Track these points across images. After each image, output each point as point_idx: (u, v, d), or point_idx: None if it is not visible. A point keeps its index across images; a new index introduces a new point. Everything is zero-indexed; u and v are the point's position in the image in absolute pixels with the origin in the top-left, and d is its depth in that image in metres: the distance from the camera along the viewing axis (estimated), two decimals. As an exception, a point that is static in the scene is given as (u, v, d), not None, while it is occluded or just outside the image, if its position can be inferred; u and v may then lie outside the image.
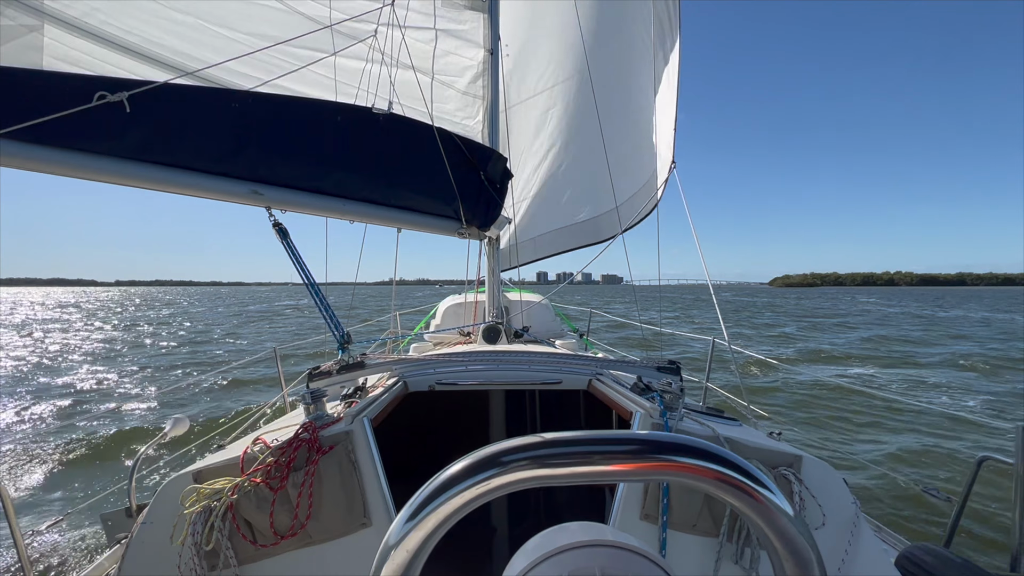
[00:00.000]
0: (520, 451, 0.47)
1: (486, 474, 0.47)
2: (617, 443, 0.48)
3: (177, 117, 2.11)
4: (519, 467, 0.47)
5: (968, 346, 18.78)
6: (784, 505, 0.46)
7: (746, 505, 0.46)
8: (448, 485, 0.47)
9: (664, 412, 1.82)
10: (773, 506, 0.46)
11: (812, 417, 8.19)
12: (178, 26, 2.63)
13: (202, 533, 1.45)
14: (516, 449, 0.47)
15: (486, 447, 0.49)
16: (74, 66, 2.27)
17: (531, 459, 0.47)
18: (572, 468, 0.47)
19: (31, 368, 13.87)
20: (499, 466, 0.47)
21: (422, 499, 0.48)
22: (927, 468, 5.93)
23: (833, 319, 33.99)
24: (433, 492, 0.48)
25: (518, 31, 5.54)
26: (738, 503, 0.46)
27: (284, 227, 2.42)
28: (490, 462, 0.47)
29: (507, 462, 0.47)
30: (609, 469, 0.47)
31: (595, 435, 0.49)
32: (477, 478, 0.47)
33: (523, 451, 0.47)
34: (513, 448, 0.48)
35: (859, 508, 1.70)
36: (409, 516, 0.48)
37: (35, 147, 1.90)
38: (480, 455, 0.48)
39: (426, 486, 0.49)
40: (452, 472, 0.48)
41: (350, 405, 1.94)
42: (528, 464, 0.47)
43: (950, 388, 11.05)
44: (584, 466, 0.47)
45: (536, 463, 0.47)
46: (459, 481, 0.47)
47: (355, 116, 2.55)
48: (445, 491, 0.47)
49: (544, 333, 5.09)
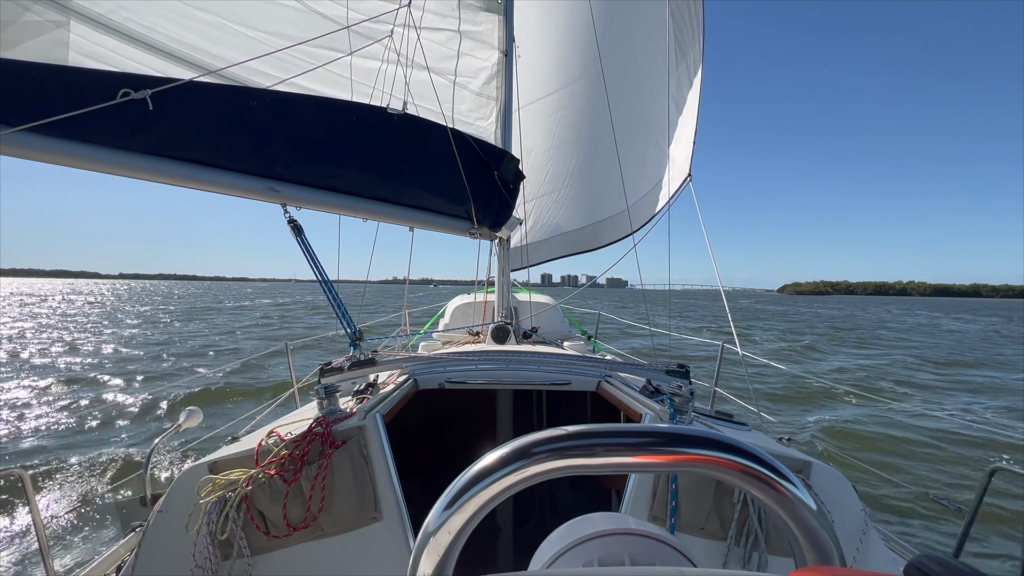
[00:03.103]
0: (554, 441, 0.50)
1: (522, 462, 0.49)
2: (648, 436, 0.50)
3: (197, 114, 2.14)
4: (554, 456, 0.49)
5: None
6: (807, 499, 0.48)
7: (771, 498, 0.48)
8: (485, 473, 0.49)
9: (674, 415, 1.82)
10: (797, 500, 0.48)
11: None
12: (200, 24, 2.67)
13: (217, 523, 1.48)
14: (551, 439, 0.50)
15: (520, 438, 0.51)
16: (99, 62, 2.31)
17: (564, 449, 0.49)
18: (604, 459, 0.49)
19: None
20: (534, 455, 0.49)
21: (459, 487, 0.50)
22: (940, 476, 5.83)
23: (887, 331, 29.80)
24: (471, 480, 0.50)
25: (531, 32, 5.55)
26: (763, 496, 0.48)
27: (299, 224, 2.46)
28: (526, 451, 0.49)
29: (541, 452, 0.49)
30: (640, 460, 0.49)
31: (626, 427, 0.51)
32: (514, 466, 0.49)
33: (557, 441, 0.50)
34: (548, 438, 0.50)
35: (868, 515, 1.70)
36: (447, 504, 0.50)
37: (59, 141, 1.94)
38: (516, 444, 0.50)
39: (463, 474, 0.51)
40: (490, 461, 0.50)
41: (362, 401, 1.96)
42: (561, 453, 0.49)
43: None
44: (614, 456, 0.49)
45: (568, 453, 0.49)
46: (496, 469, 0.49)
47: (370, 115, 2.58)
48: (483, 479, 0.49)
49: (552, 335, 5.09)
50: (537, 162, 6.00)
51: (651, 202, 5.34)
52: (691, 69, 5.06)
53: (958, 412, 9.30)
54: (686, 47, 5.04)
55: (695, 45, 4.99)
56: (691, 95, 5.01)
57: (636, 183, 5.27)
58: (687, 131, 4.88)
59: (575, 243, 6.00)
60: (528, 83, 5.66)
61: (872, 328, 32.48)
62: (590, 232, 5.89)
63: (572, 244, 6.01)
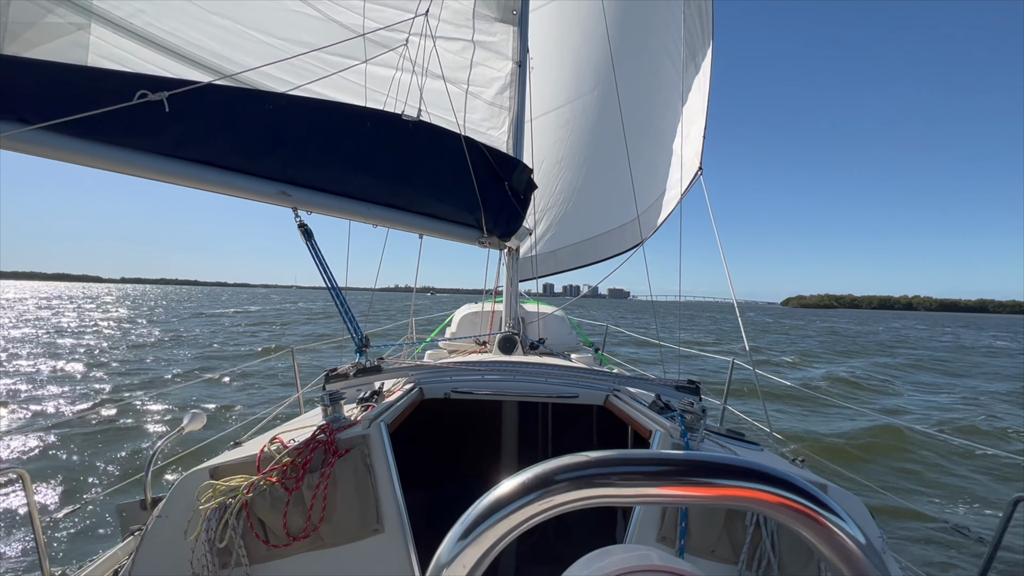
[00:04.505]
0: (579, 468, 0.46)
1: (543, 491, 0.45)
2: (681, 464, 0.46)
3: (213, 117, 2.15)
4: (578, 484, 0.45)
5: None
6: (856, 532, 0.44)
7: (815, 534, 0.44)
8: (504, 502, 0.45)
9: (685, 432, 1.78)
10: (845, 534, 0.44)
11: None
12: (218, 29, 2.70)
13: (216, 530, 1.45)
14: (575, 466, 0.46)
15: (540, 464, 0.47)
16: (117, 64, 2.34)
17: (590, 477, 0.45)
18: (633, 488, 0.45)
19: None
20: (557, 483, 0.45)
21: (475, 516, 0.46)
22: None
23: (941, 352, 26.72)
24: (487, 509, 0.46)
25: (545, 44, 5.59)
26: (807, 532, 0.44)
27: (309, 228, 2.45)
28: (548, 479, 0.45)
29: (564, 480, 0.45)
30: (674, 492, 0.45)
31: (657, 455, 0.47)
32: (535, 495, 0.45)
33: (581, 468, 0.46)
34: (572, 465, 0.46)
35: (886, 543, 1.64)
36: (461, 535, 0.46)
37: (76, 140, 1.95)
38: (537, 471, 0.46)
39: (479, 503, 0.47)
40: (508, 488, 0.46)
41: (367, 409, 1.93)
42: (587, 482, 0.45)
43: None
44: (644, 486, 0.45)
45: (595, 481, 0.45)
46: (516, 498, 0.45)
47: (384, 122, 2.58)
48: (501, 508, 0.45)
49: (560, 346, 5.05)
50: (548, 173, 6.01)
51: (659, 209, 5.33)
52: (700, 68, 5.08)
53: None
54: (696, 48, 5.07)
55: (706, 45, 5.02)
56: (699, 92, 5.02)
57: (646, 192, 5.26)
58: (696, 128, 4.89)
59: (584, 255, 5.97)
60: (541, 94, 5.69)
61: (926, 348, 29.18)
62: (599, 243, 5.87)
63: (581, 256, 5.98)
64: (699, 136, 4.78)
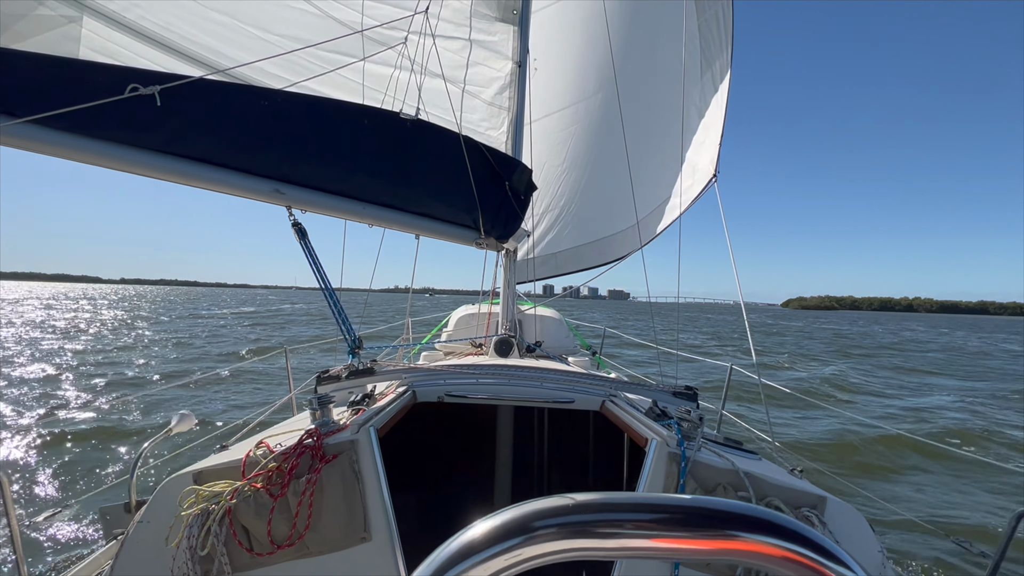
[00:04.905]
0: (560, 514, 0.41)
1: (517, 540, 0.40)
2: (670, 511, 0.41)
3: (206, 113, 2.11)
4: (558, 535, 0.40)
5: None
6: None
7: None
8: (470, 551, 0.40)
9: (681, 441, 1.74)
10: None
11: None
12: (213, 24, 2.66)
13: (198, 537, 1.41)
14: (556, 511, 0.41)
15: (510, 509, 0.42)
16: (109, 58, 2.30)
17: (574, 524, 0.40)
18: (613, 541, 0.40)
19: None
20: (529, 532, 0.40)
21: (438, 564, 0.40)
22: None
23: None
24: (451, 558, 0.40)
25: (548, 46, 5.56)
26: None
27: (303, 227, 2.41)
28: (524, 526, 0.40)
29: (543, 528, 0.40)
30: (659, 545, 0.40)
31: (647, 499, 0.42)
32: (505, 544, 0.40)
33: (563, 514, 0.41)
34: (552, 510, 0.41)
35: (885, 556, 1.60)
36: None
37: (64, 134, 1.91)
38: (510, 516, 0.41)
39: (444, 547, 0.41)
40: (476, 534, 0.41)
41: (357, 412, 1.89)
42: (571, 530, 0.40)
43: None
44: (624, 539, 0.40)
45: (583, 531, 0.40)
46: (484, 547, 0.40)
47: (382, 120, 2.54)
48: (467, 558, 0.40)
49: (556, 349, 5.01)
50: (548, 175, 5.97)
51: (662, 215, 5.29)
52: (717, 77, 5.04)
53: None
54: (712, 56, 5.03)
55: (723, 53, 4.97)
56: (717, 100, 4.98)
57: (650, 197, 5.22)
58: (712, 135, 4.85)
59: (584, 258, 5.93)
60: (543, 96, 5.66)
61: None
62: (600, 247, 5.83)
63: (581, 259, 5.94)
64: (715, 143, 4.74)
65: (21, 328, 23.45)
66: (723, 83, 4.94)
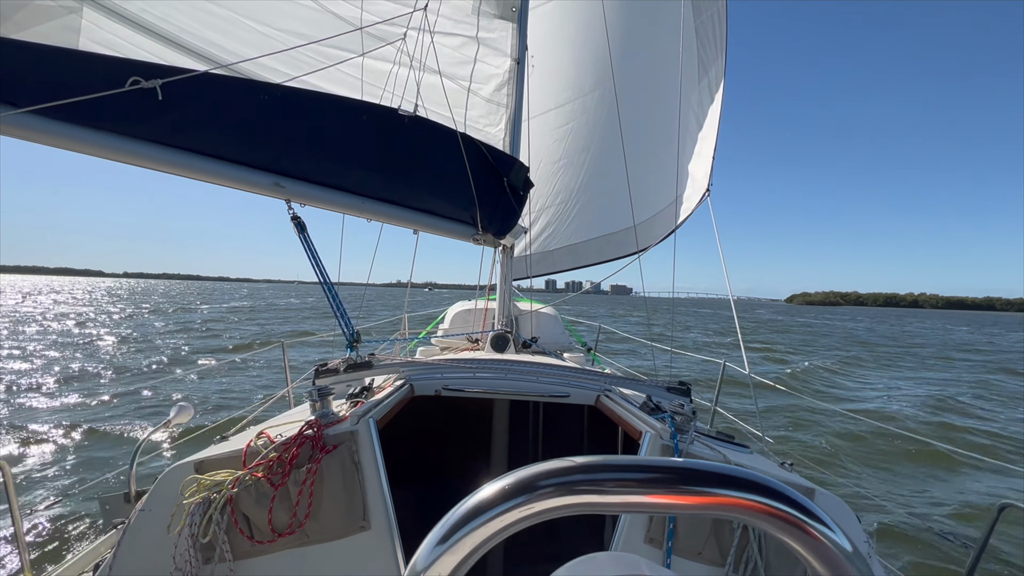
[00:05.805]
0: (562, 474, 0.45)
1: (525, 497, 0.44)
2: (669, 472, 0.45)
3: (207, 106, 2.12)
4: (561, 491, 0.44)
5: None
6: (843, 541, 0.43)
7: (801, 543, 0.43)
8: (483, 508, 0.44)
9: (675, 434, 1.77)
10: (831, 543, 0.43)
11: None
12: (214, 18, 2.66)
13: (199, 525, 1.43)
14: (559, 471, 0.45)
15: (523, 469, 0.46)
16: (109, 50, 2.30)
17: (574, 483, 0.44)
18: (618, 496, 0.44)
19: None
20: (540, 489, 0.44)
21: (453, 522, 0.44)
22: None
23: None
24: (466, 515, 0.44)
25: (546, 43, 5.57)
26: (793, 541, 0.43)
27: (303, 221, 2.43)
28: (530, 485, 0.44)
29: (547, 486, 0.44)
30: (660, 500, 0.44)
31: (643, 461, 0.46)
32: (516, 501, 0.43)
33: (565, 474, 0.45)
34: (555, 470, 0.45)
35: (872, 547, 1.64)
36: (438, 540, 0.45)
37: (65, 125, 1.91)
38: (519, 476, 0.45)
39: (458, 508, 0.45)
40: (488, 493, 0.45)
41: (356, 404, 1.91)
42: (570, 488, 0.44)
43: None
44: (630, 495, 0.44)
45: (579, 488, 0.44)
46: (496, 503, 0.44)
47: (381, 116, 2.56)
48: (480, 514, 0.44)
49: (552, 345, 5.04)
50: (546, 172, 5.99)
51: (663, 218, 5.31)
52: (713, 84, 5.06)
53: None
54: (708, 62, 5.04)
55: (718, 59, 4.99)
56: (712, 109, 5.00)
57: (649, 199, 5.23)
58: (707, 146, 4.86)
59: (581, 256, 5.95)
60: (541, 93, 5.67)
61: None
62: (597, 245, 5.85)
63: (578, 257, 5.97)
64: (709, 155, 4.76)
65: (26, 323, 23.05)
66: (718, 92, 4.96)
